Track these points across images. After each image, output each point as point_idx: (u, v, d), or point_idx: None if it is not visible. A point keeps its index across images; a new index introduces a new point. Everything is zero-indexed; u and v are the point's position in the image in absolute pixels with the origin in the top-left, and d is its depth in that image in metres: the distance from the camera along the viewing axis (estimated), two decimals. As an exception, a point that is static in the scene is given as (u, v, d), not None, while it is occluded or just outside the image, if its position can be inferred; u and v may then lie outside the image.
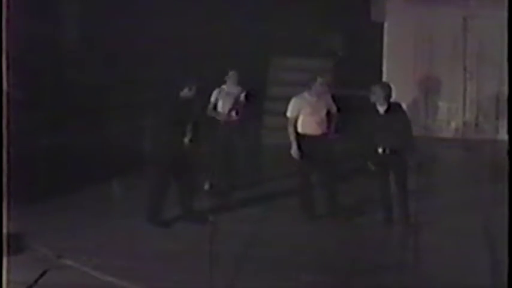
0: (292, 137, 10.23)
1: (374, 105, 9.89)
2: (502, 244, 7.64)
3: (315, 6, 15.27)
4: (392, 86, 10.06)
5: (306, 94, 10.32)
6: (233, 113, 11.55)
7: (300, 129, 10.26)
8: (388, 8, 15.05)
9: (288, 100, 10.44)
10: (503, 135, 10.95)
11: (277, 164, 12.85)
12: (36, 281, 8.19)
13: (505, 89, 7.82)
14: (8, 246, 7.69)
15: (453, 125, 15.00)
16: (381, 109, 9.88)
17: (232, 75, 11.57)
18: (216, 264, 7.64)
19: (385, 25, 15.17)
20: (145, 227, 9.94)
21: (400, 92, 15.01)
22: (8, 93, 7.63)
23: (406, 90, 15.05)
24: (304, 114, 10.25)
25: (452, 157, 13.85)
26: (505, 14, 7.91)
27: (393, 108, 9.91)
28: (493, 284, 8.20)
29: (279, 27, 15.12)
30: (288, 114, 10.31)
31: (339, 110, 10.50)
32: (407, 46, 15.03)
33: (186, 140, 10.10)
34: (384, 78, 15.21)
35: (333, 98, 10.61)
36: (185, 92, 10.17)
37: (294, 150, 10.19)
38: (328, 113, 10.40)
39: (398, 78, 15.07)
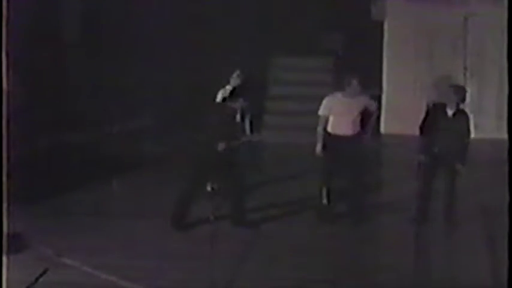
0: (319, 136, 10.13)
1: (444, 107, 9.99)
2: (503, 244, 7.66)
3: (315, 6, 15.28)
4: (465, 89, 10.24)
5: (339, 94, 10.19)
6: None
7: (329, 129, 10.15)
8: (388, 7, 15.06)
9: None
10: (503, 135, 10.92)
11: (278, 163, 12.88)
12: (36, 280, 8.19)
13: (505, 87, 7.82)
14: (8, 245, 7.69)
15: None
16: (450, 112, 9.99)
17: (237, 75, 11.43)
18: (217, 264, 7.64)
19: (385, 24, 15.17)
20: (145, 227, 9.93)
21: (400, 91, 15.16)
22: (8, 93, 7.62)
23: (406, 90, 15.07)
24: (335, 114, 10.12)
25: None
26: (505, 12, 7.90)
27: (460, 113, 10.04)
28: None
29: (279, 26, 15.11)
30: (320, 112, 10.18)
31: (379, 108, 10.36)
32: (407, 45, 15.03)
33: (223, 145, 9.78)
34: (384, 78, 15.24)
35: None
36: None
37: (318, 149, 10.10)
38: (364, 113, 10.24)
39: (398, 78, 15.12)
